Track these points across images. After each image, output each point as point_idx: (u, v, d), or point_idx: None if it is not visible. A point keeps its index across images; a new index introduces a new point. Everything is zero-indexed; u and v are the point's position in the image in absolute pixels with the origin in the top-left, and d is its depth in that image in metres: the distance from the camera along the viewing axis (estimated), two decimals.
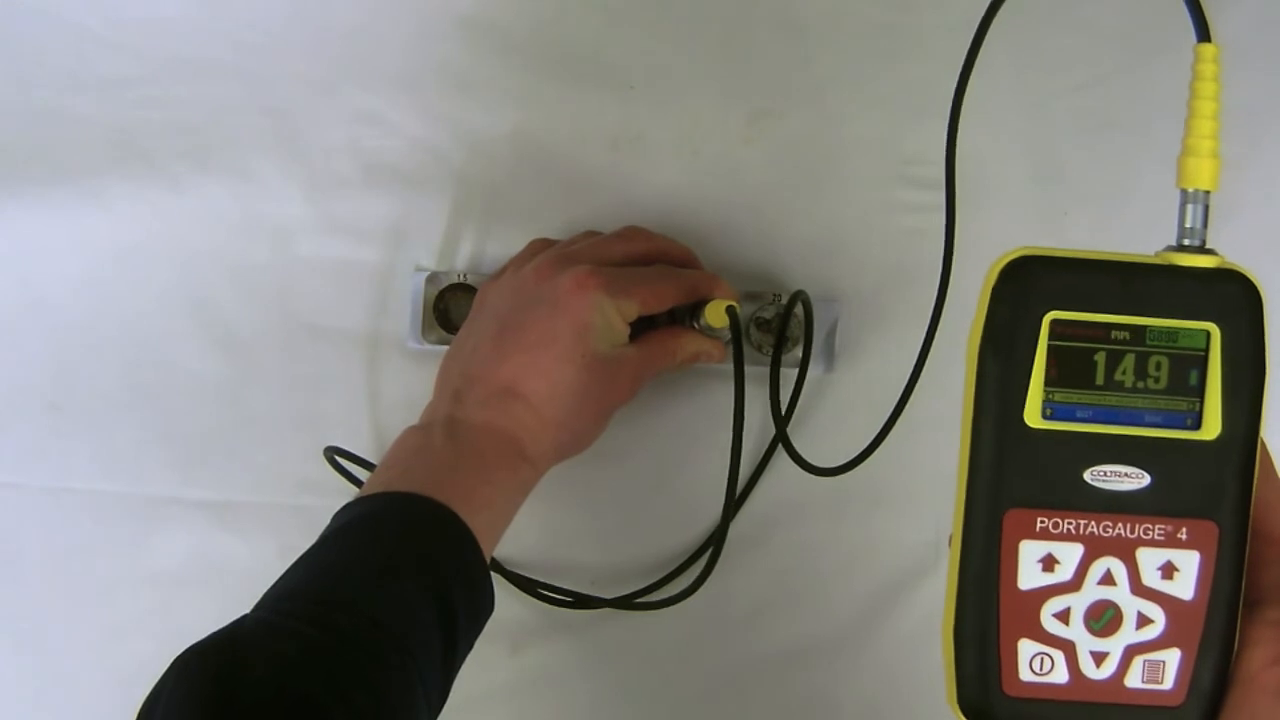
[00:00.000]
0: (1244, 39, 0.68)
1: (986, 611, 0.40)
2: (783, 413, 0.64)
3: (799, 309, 0.64)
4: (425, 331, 0.66)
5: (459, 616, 0.51)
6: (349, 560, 0.51)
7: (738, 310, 0.62)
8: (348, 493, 0.67)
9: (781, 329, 0.64)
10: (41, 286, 0.67)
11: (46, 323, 0.67)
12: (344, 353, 0.67)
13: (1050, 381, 0.39)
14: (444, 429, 0.57)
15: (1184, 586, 0.40)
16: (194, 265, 0.67)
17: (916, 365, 0.59)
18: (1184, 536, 0.40)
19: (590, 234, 0.66)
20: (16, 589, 0.67)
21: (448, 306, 0.66)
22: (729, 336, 0.63)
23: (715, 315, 0.62)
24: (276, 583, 0.51)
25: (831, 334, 0.67)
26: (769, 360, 0.65)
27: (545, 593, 0.66)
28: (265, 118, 0.68)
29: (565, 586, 0.67)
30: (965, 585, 0.41)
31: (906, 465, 0.66)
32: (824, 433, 0.67)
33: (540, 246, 0.65)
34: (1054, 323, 0.38)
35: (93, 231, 0.67)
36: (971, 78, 0.68)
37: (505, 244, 0.67)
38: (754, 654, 0.67)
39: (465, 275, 0.66)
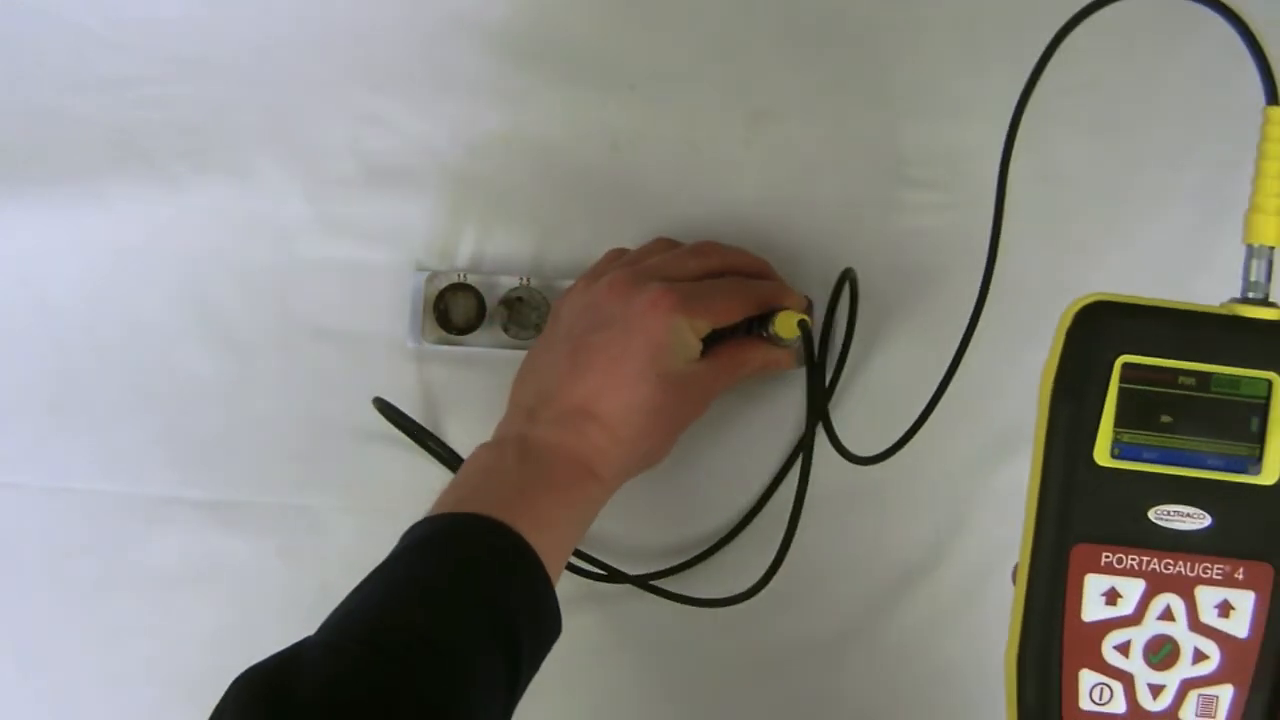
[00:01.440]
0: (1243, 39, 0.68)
1: (1050, 641, 0.41)
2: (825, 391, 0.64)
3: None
4: (425, 331, 0.66)
5: (522, 642, 0.50)
6: (413, 582, 0.51)
7: (809, 323, 0.62)
8: (347, 493, 0.67)
9: (831, 308, 0.65)
10: (42, 286, 0.67)
11: (47, 323, 0.67)
12: (344, 353, 0.67)
13: (1120, 423, 0.40)
14: (516, 448, 0.57)
15: (1239, 625, 0.41)
16: (194, 265, 0.67)
17: (953, 362, 0.59)
18: (1241, 576, 0.41)
19: (664, 241, 0.65)
20: (16, 589, 0.67)
21: (448, 306, 0.66)
22: (798, 345, 0.64)
23: (785, 327, 0.62)
24: (342, 602, 0.51)
25: (831, 334, 0.67)
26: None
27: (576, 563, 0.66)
28: (266, 118, 0.68)
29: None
30: (1030, 615, 0.42)
31: (909, 466, 0.66)
32: (825, 435, 0.67)
33: (615, 257, 0.65)
34: (1125, 366, 0.40)
35: (93, 231, 0.67)
36: (971, 77, 0.68)
37: (505, 244, 0.67)
38: (757, 648, 0.67)
39: (465, 275, 0.66)
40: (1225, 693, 0.41)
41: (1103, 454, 0.40)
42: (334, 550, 0.67)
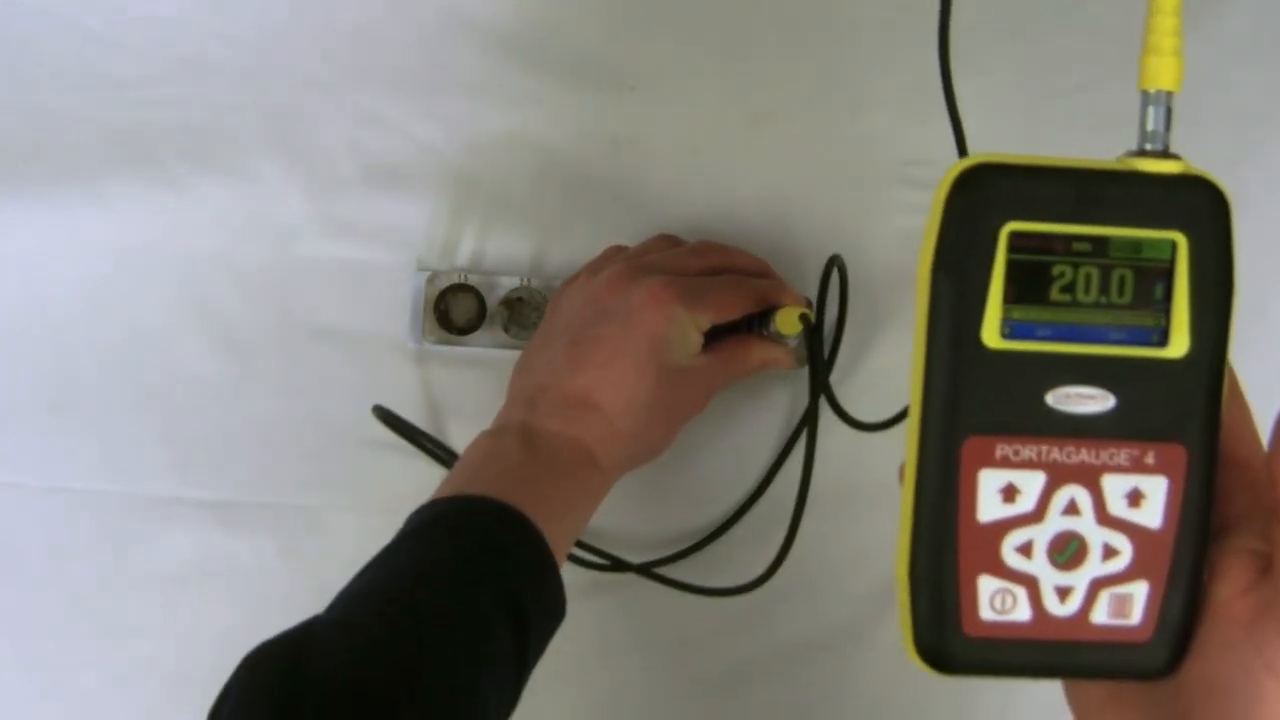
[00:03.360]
0: (1244, 39, 0.68)
1: (943, 547, 0.37)
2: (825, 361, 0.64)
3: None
4: (425, 331, 0.66)
5: (529, 618, 0.50)
6: (421, 562, 0.51)
7: (810, 317, 0.62)
8: (347, 493, 0.67)
9: (822, 293, 0.64)
10: (42, 286, 0.67)
11: (47, 322, 0.67)
12: (344, 353, 0.67)
13: (1009, 298, 0.36)
14: (518, 435, 0.57)
15: (1151, 515, 0.37)
16: (194, 265, 0.67)
17: None
18: (1151, 461, 0.37)
19: (664, 238, 0.65)
20: (16, 589, 0.67)
21: (448, 306, 0.66)
22: (796, 343, 0.64)
23: (786, 323, 0.61)
24: (350, 582, 0.51)
25: (831, 334, 0.67)
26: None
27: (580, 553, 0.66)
28: (265, 118, 0.68)
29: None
30: (920, 520, 0.38)
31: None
32: (827, 431, 0.67)
33: (614, 253, 0.65)
34: (1012, 234, 0.36)
35: (93, 231, 0.67)
36: (971, 77, 0.68)
37: (505, 244, 0.67)
38: (758, 644, 0.67)
39: (465, 275, 0.66)
40: (1139, 590, 0.38)
41: (991, 334, 0.36)
42: (335, 550, 0.66)
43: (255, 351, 0.67)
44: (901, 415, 0.58)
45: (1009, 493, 0.37)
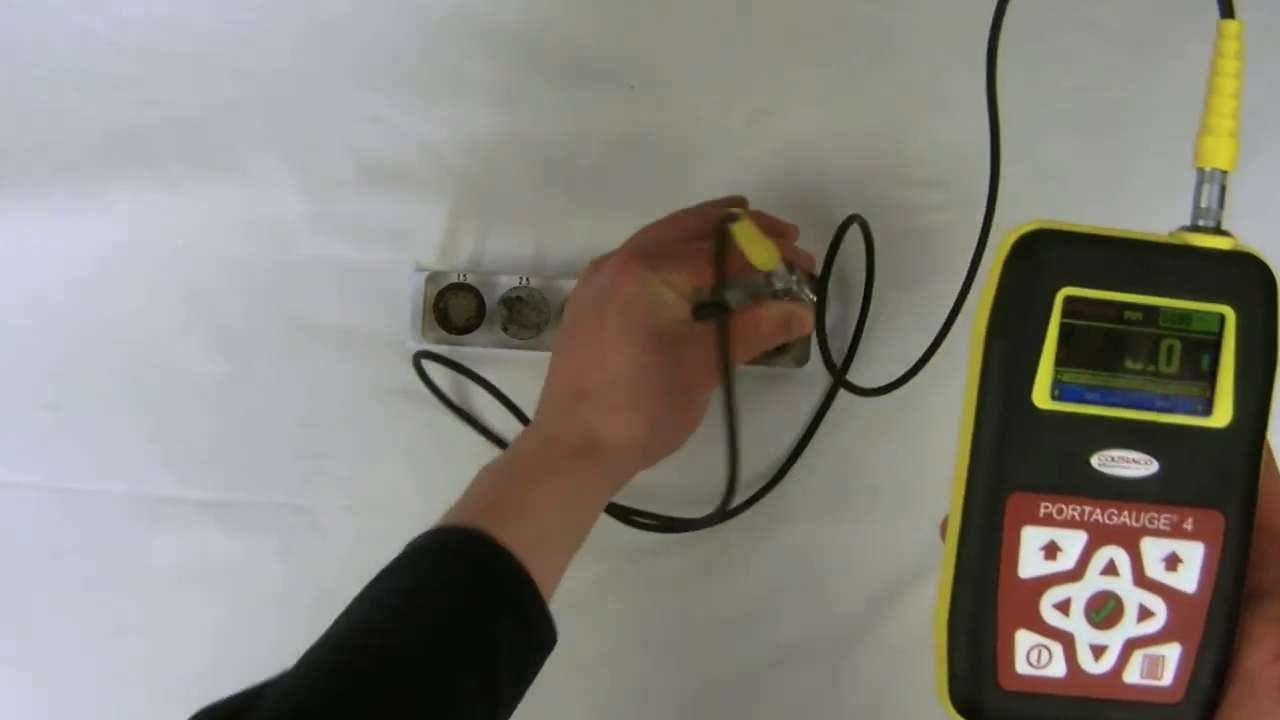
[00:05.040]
0: (1244, 38, 0.68)
1: (984, 600, 0.38)
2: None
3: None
4: (425, 331, 0.66)
5: (500, 660, 0.49)
6: (388, 605, 0.50)
7: (739, 215, 0.56)
8: (347, 493, 0.67)
9: (830, 258, 0.60)
10: (41, 286, 0.67)
11: (46, 322, 0.67)
12: (344, 353, 0.67)
13: (1061, 361, 0.37)
14: (507, 454, 0.57)
15: (1188, 579, 0.38)
16: (194, 265, 0.67)
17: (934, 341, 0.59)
18: (1190, 527, 0.38)
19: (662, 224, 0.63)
20: (15, 589, 0.67)
21: (448, 306, 0.66)
22: (786, 282, 0.59)
23: (758, 254, 0.56)
24: (327, 629, 0.50)
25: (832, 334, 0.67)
26: (769, 357, 0.65)
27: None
28: (265, 118, 0.68)
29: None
30: (962, 572, 0.38)
31: (907, 464, 0.66)
32: (827, 431, 0.67)
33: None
34: (1067, 299, 0.37)
35: (92, 231, 0.67)
36: (970, 78, 0.68)
37: (505, 244, 0.67)
38: (753, 650, 0.67)
39: (465, 275, 0.66)
40: (1172, 652, 0.39)
41: (1042, 395, 0.37)
42: (333, 550, 0.67)
43: (254, 351, 0.67)
44: (895, 384, 0.58)
45: (1050, 550, 0.38)
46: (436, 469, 0.66)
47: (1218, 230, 0.39)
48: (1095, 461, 0.37)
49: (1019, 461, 0.38)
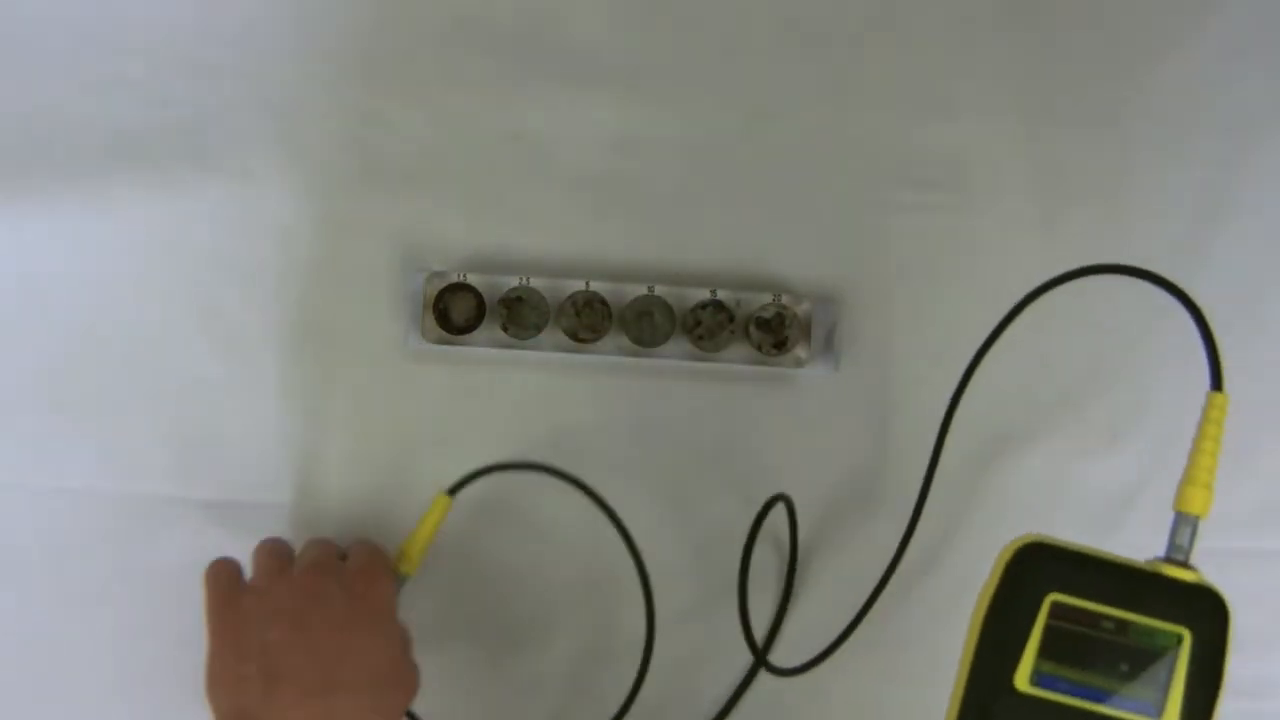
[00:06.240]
0: (1244, 38, 0.68)
1: None
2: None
3: (801, 309, 0.65)
4: (425, 331, 0.66)
5: None
6: None
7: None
8: (346, 492, 0.67)
9: (751, 540, 0.64)
10: (42, 286, 0.67)
11: (47, 322, 0.67)
12: (344, 352, 0.67)
13: (1042, 654, 0.44)
14: None
15: None
16: (194, 265, 0.67)
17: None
18: None
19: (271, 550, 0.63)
20: (16, 589, 0.67)
21: (447, 306, 0.66)
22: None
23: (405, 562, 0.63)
24: None
25: (832, 334, 0.67)
26: (768, 356, 0.65)
27: None
28: (265, 118, 0.68)
29: None
30: None
31: (903, 465, 0.66)
32: (827, 434, 0.67)
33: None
34: (1054, 604, 0.44)
35: (93, 231, 0.67)
36: (970, 78, 0.68)
37: (505, 244, 0.67)
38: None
39: (465, 275, 0.66)
40: None
41: (1023, 680, 0.44)
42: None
43: (255, 351, 0.67)
44: (813, 662, 0.62)
45: None
46: (436, 468, 0.66)
47: (1185, 565, 0.46)
48: None
49: None
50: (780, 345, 0.65)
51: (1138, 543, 0.58)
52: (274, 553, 0.62)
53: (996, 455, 0.67)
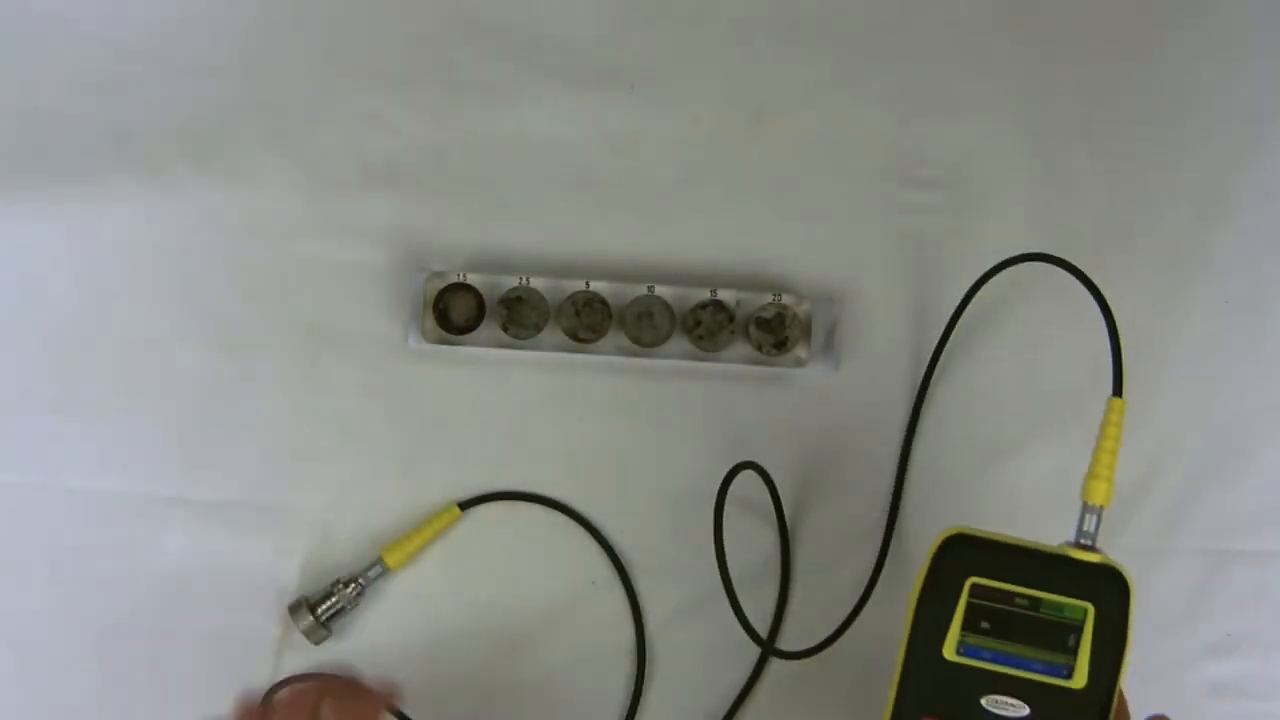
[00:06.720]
0: (1244, 38, 0.68)
1: None
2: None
3: (801, 309, 0.65)
4: (425, 331, 0.66)
5: None
6: None
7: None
8: (346, 492, 0.67)
9: (719, 510, 0.61)
10: (41, 285, 0.67)
11: (46, 322, 0.67)
12: (344, 352, 0.67)
13: (965, 627, 0.50)
14: None
15: None
16: (194, 265, 0.67)
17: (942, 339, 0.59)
18: None
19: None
20: (16, 589, 0.67)
21: (447, 306, 0.66)
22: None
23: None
24: None
25: (832, 334, 0.67)
26: (768, 356, 0.65)
27: None
28: (265, 118, 0.68)
29: None
30: None
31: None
32: (825, 433, 0.67)
33: None
34: (973, 585, 0.50)
35: (92, 231, 0.67)
36: (971, 78, 0.68)
37: (505, 244, 0.67)
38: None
39: (465, 275, 0.66)
40: None
41: (950, 650, 0.50)
42: (334, 550, 0.67)
43: (255, 351, 0.67)
44: (821, 646, 0.63)
45: None
46: (436, 469, 0.66)
47: (1091, 548, 0.51)
48: (985, 702, 0.50)
49: (931, 695, 0.51)
50: (780, 345, 0.65)
51: (1139, 542, 0.58)
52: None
53: (996, 455, 0.67)
